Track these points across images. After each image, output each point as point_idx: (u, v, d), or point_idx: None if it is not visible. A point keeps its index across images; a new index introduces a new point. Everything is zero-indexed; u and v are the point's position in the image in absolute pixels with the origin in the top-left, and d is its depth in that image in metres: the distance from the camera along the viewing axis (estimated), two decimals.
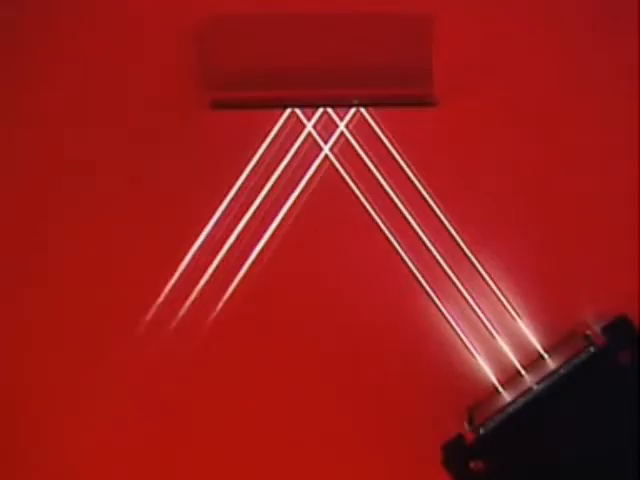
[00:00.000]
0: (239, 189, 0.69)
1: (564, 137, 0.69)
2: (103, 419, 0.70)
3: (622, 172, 0.68)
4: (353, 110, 0.69)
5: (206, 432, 0.70)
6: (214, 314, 0.70)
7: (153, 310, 0.70)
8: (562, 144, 0.69)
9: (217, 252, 0.70)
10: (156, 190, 0.69)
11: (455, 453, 0.65)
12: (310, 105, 0.69)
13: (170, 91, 0.69)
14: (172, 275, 0.69)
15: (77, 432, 0.70)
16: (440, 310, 0.69)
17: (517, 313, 0.69)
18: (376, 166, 0.69)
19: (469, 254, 0.69)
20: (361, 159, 0.69)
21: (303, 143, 0.70)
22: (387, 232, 0.69)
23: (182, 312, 0.70)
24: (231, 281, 0.70)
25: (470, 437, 0.64)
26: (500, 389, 0.68)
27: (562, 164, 0.69)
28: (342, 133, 0.69)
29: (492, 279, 0.69)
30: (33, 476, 0.70)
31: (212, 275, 0.70)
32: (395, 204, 0.69)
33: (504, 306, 0.69)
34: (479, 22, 0.69)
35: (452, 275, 0.69)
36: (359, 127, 0.69)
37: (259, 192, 0.69)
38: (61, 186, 0.69)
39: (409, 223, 0.69)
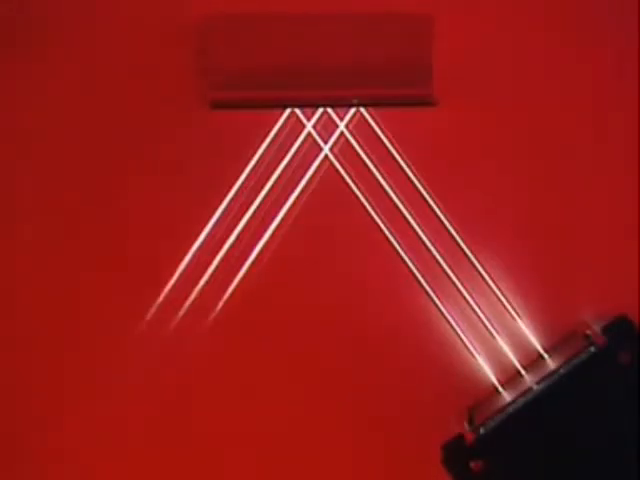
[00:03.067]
0: (239, 189, 0.69)
1: (564, 137, 0.69)
2: (103, 418, 0.70)
3: (622, 172, 0.68)
4: (353, 110, 0.69)
5: (206, 432, 0.70)
6: (214, 314, 0.70)
7: (153, 310, 0.70)
8: (562, 144, 0.69)
9: (217, 252, 0.70)
10: (156, 190, 0.69)
11: (455, 453, 0.65)
12: (310, 105, 0.69)
13: (170, 91, 0.69)
14: (172, 275, 0.69)
15: (77, 431, 0.70)
16: (440, 310, 0.69)
17: (517, 313, 0.69)
18: (376, 166, 0.69)
19: (469, 254, 0.69)
20: (361, 159, 0.69)
21: (303, 143, 0.70)
22: (387, 232, 0.69)
23: (182, 312, 0.70)
24: (231, 281, 0.70)
25: (470, 437, 0.64)
26: (500, 389, 0.68)
27: (562, 164, 0.69)
28: (342, 133, 0.69)
29: (492, 279, 0.69)
30: (34, 476, 0.70)
31: (212, 275, 0.70)
32: (395, 204, 0.69)
33: (504, 306, 0.69)
34: (479, 22, 0.69)
35: (452, 275, 0.69)
36: (359, 127, 0.69)
37: (259, 192, 0.69)
38: (61, 185, 0.69)
39: (409, 223, 0.69)
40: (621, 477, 0.64)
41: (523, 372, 0.68)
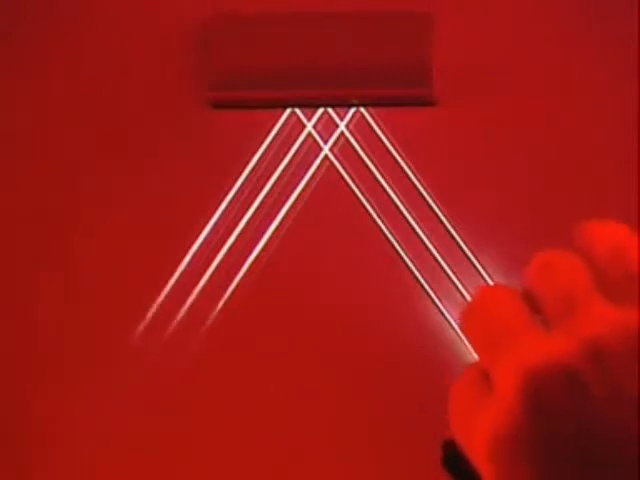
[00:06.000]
0: (239, 189, 0.69)
1: (564, 136, 0.69)
2: (102, 419, 0.70)
3: (622, 172, 0.68)
4: (353, 110, 0.69)
5: (205, 433, 0.70)
6: (214, 314, 0.70)
7: (152, 311, 0.70)
8: (562, 143, 0.69)
9: (217, 252, 0.70)
10: (156, 190, 0.69)
11: (455, 453, 0.64)
12: (310, 105, 0.69)
13: (170, 91, 0.69)
14: (172, 275, 0.69)
15: (77, 432, 0.70)
16: (440, 310, 0.69)
17: None
18: (376, 166, 0.69)
19: (469, 254, 0.69)
20: (361, 159, 0.69)
21: (303, 143, 0.70)
22: (387, 232, 0.69)
23: (181, 313, 0.70)
24: (231, 281, 0.70)
25: None
26: None
27: (562, 163, 0.69)
28: (342, 133, 0.69)
29: (492, 279, 0.69)
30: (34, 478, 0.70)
31: (212, 275, 0.70)
32: (395, 204, 0.69)
33: None
34: (479, 22, 0.69)
35: (452, 275, 0.69)
36: (359, 127, 0.69)
37: (259, 192, 0.69)
38: (60, 186, 0.69)
39: (409, 223, 0.69)
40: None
41: None
